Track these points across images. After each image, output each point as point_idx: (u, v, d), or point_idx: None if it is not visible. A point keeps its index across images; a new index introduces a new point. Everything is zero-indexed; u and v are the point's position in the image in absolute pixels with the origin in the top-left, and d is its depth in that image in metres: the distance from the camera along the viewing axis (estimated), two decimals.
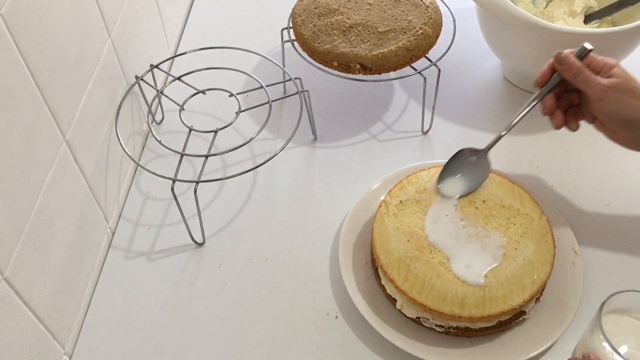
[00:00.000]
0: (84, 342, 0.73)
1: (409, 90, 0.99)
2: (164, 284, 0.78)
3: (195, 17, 1.12)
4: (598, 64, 0.71)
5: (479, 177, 0.78)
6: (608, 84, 0.69)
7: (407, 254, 0.72)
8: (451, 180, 0.78)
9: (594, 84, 0.69)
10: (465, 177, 0.78)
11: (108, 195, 0.81)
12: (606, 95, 0.69)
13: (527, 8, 0.95)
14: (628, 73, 0.70)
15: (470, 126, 0.94)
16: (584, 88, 0.71)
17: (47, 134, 0.65)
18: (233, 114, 0.81)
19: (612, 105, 0.69)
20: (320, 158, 0.91)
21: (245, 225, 0.83)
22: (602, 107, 0.70)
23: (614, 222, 0.82)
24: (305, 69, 0.90)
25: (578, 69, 0.70)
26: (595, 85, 0.69)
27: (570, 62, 0.70)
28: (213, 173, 0.88)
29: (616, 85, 0.69)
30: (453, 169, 0.78)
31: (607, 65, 0.71)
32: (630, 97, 0.69)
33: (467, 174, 0.78)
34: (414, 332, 0.72)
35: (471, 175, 0.78)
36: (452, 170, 0.78)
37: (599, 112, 0.71)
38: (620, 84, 0.69)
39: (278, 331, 0.74)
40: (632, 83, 0.69)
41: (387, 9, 0.88)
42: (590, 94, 0.70)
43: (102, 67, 0.78)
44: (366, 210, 0.81)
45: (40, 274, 0.65)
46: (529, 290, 0.69)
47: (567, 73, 0.71)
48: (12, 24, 0.58)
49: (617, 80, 0.69)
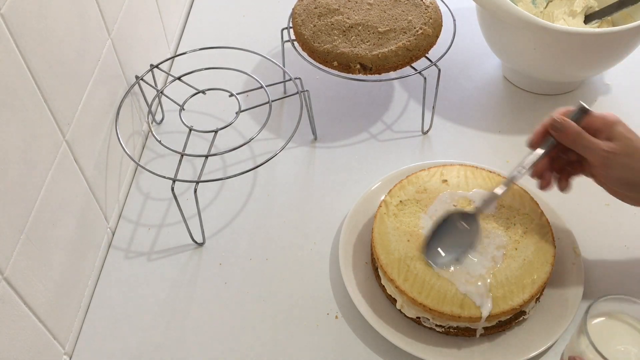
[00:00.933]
0: (84, 342, 0.73)
1: (409, 90, 0.99)
2: (164, 284, 0.78)
3: (195, 17, 1.12)
4: (597, 123, 0.66)
5: (469, 244, 0.72)
6: (611, 150, 0.64)
7: (407, 254, 0.72)
8: (439, 249, 0.71)
9: (595, 150, 0.65)
10: (455, 247, 0.71)
11: (108, 195, 0.81)
12: (609, 161, 0.65)
13: (527, 8, 0.95)
14: (631, 132, 0.66)
15: (470, 126, 0.94)
16: (584, 154, 0.66)
17: (47, 134, 0.65)
18: (233, 114, 0.81)
19: (617, 171, 0.65)
20: (320, 158, 0.91)
21: (245, 225, 0.83)
22: (607, 173, 0.66)
23: (614, 222, 0.82)
24: (305, 69, 0.90)
25: (576, 135, 0.66)
26: (597, 152, 0.65)
27: (566, 128, 0.66)
28: (213, 173, 0.88)
29: (620, 149, 0.64)
30: (441, 236, 0.72)
31: (607, 123, 0.66)
32: (635, 161, 0.64)
33: (456, 242, 0.72)
34: (414, 332, 0.72)
35: (461, 244, 0.72)
36: (439, 238, 0.72)
37: (603, 177, 0.67)
38: (623, 147, 0.64)
39: (278, 331, 0.74)
40: (636, 144, 0.65)
41: (387, 9, 0.88)
42: (593, 161, 0.66)
43: (102, 67, 0.78)
44: (366, 210, 0.81)
45: (40, 274, 0.65)
46: (529, 290, 0.69)
47: (563, 139, 0.67)
48: (12, 24, 0.58)
49: (620, 145, 0.64)
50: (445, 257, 0.71)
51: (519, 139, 0.92)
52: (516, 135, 0.92)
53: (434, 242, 0.72)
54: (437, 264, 0.70)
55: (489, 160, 0.88)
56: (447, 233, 0.72)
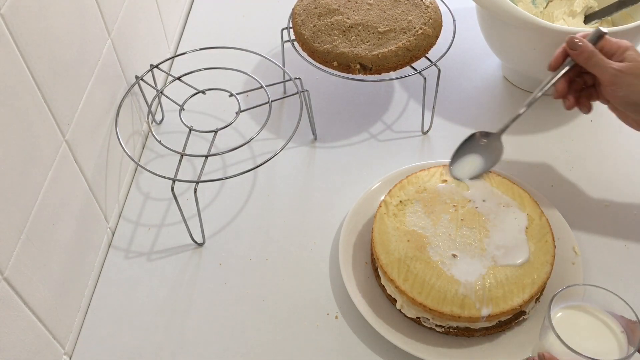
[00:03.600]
0: (84, 342, 0.73)
1: (409, 90, 0.99)
2: (164, 284, 0.78)
3: (195, 17, 1.12)
4: (612, 47, 0.71)
5: (491, 159, 0.77)
6: (619, 68, 0.69)
7: (407, 254, 0.72)
8: (462, 161, 0.77)
9: (606, 68, 0.69)
10: (477, 159, 0.77)
11: (108, 195, 0.81)
12: (617, 79, 0.69)
13: (527, 8, 0.95)
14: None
15: (470, 126, 0.94)
16: (595, 72, 0.70)
17: (47, 134, 0.65)
18: (233, 114, 0.81)
19: (623, 89, 0.69)
20: (320, 158, 0.91)
21: (245, 225, 0.83)
22: (614, 91, 0.70)
23: (614, 222, 0.82)
24: (305, 69, 0.90)
25: (590, 53, 0.70)
26: (607, 70, 0.69)
27: (582, 47, 0.70)
28: (213, 173, 0.88)
29: (628, 69, 0.68)
30: (465, 151, 0.77)
31: (620, 47, 0.70)
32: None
33: (479, 155, 0.77)
34: (414, 332, 0.72)
35: (483, 158, 0.77)
36: (464, 153, 0.77)
37: (611, 96, 0.71)
38: (632, 67, 0.68)
39: (278, 331, 0.74)
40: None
41: (387, 9, 0.88)
42: (602, 78, 0.70)
43: (102, 67, 0.78)
44: (366, 210, 0.81)
45: (40, 274, 0.65)
46: (529, 290, 0.69)
47: (579, 57, 0.71)
48: (12, 24, 0.58)
49: (629, 64, 0.69)
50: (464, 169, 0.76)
51: (519, 139, 0.92)
52: (516, 135, 0.92)
53: (458, 156, 0.77)
54: (457, 175, 0.76)
55: None
56: (471, 148, 0.77)
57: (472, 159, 0.77)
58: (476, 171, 0.77)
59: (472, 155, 0.77)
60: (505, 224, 0.74)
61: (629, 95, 0.69)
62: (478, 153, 0.77)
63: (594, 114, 0.94)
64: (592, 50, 0.70)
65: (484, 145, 0.77)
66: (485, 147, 0.77)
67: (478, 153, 0.77)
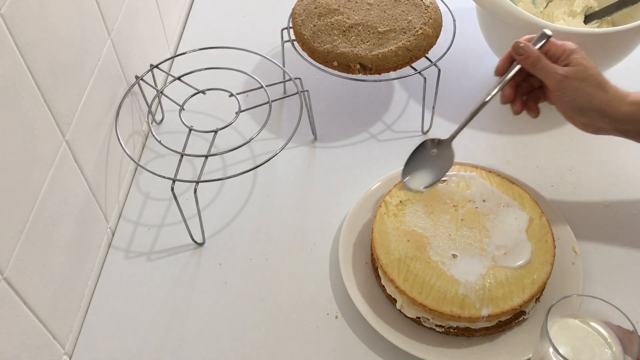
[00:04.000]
0: (84, 342, 0.73)
1: (409, 90, 0.99)
2: (164, 284, 0.78)
3: (195, 17, 1.12)
4: (557, 50, 0.71)
5: (443, 167, 0.78)
6: (565, 73, 0.69)
7: (407, 254, 0.72)
8: (415, 173, 0.78)
9: (552, 74, 0.69)
10: (429, 169, 0.78)
11: (108, 195, 0.81)
12: (563, 84, 0.69)
13: (527, 8, 0.95)
14: (587, 60, 0.70)
15: (470, 126, 0.93)
16: (541, 77, 0.71)
17: (47, 134, 0.65)
18: (233, 114, 0.81)
19: (570, 94, 0.69)
20: (320, 158, 0.91)
21: (245, 225, 0.83)
22: (560, 96, 0.70)
23: (614, 222, 0.82)
24: (305, 69, 0.90)
25: (535, 58, 0.70)
26: (553, 75, 0.69)
27: (527, 51, 0.70)
28: (213, 173, 0.88)
29: (574, 73, 0.69)
30: (416, 161, 0.78)
31: (566, 51, 0.70)
32: (587, 86, 0.69)
33: (430, 165, 0.78)
34: (414, 332, 0.72)
35: (435, 166, 0.78)
36: (416, 163, 0.78)
37: (557, 100, 0.71)
38: (577, 72, 0.69)
39: (278, 331, 0.74)
40: (590, 70, 0.69)
41: (387, 9, 0.88)
42: (548, 83, 0.70)
43: (102, 67, 0.78)
44: (366, 210, 0.81)
45: (40, 274, 0.65)
46: (529, 290, 0.69)
47: (524, 62, 0.71)
48: (12, 24, 0.58)
49: (574, 69, 0.69)
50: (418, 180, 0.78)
51: (519, 139, 0.92)
52: (516, 135, 0.92)
53: (409, 167, 0.78)
54: (411, 186, 0.77)
55: (489, 160, 0.88)
56: (422, 159, 0.79)
57: (424, 169, 0.78)
58: (429, 181, 0.78)
59: (424, 165, 0.78)
60: (506, 224, 0.74)
61: (575, 99, 0.69)
62: (430, 162, 0.78)
63: None
64: (537, 55, 0.70)
65: (435, 154, 0.78)
66: (437, 156, 0.78)
67: (430, 162, 0.78)
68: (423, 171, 0.78)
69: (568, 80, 0.69)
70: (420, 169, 0.78)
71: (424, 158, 0.78)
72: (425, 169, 0.78)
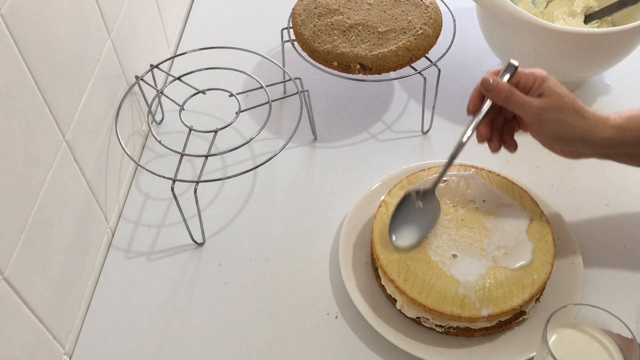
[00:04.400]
0: (84, 342, 0.73)
1: (409, 90, 0.99)
2: (164, 284, 0.78)
3: (195, 17, 1.12)
4: (528, 80, 0.68)
5: (430, 221, 0.74)
6: (541, 106, 0.66)
7: (407, 254, 0.72)
8: (402, 230, 0.73)
9: (527, 107, 0.66)
10: (416, 225, 0.73)
11: (108, 195, 0.81)
12: (541, 117, 0.66)
13: (527, 8, 0.95)
14: (561, 87, 0.67)
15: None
16: (516, 112, 0.68)
17: (47, 134, 0.65)
18: (233, 114, 0.81)
19: (548, 126, 0.67)
20: (320, 158, 0.91)
21: (245, 225, 0.83)
22: (538, 128, 0.67)
23: (614, 222, 0.82)
24: (305, 69, 0.90)
25: (507, 93, 0.67)
26: (529, 109, 0.66)
27: (498, 87, 0.67)
28: (213, 173, 0.88)
29: (550, 105, 0.66)
30: (402, 217, 0.74)
31: (537, 80, 0.67)
32: (566, 115, 0.66)
33: (416, 219, 0.73)
34: (414, 332, 0.72)
35: (422, 220, 0.73)
36: (401, 219, 0.73)
37: (535, 133, 0.68)
38: (553, 102, 0.66)
39: (278, 331, 0.74)
40: (565, 99, 0.66)
41: (387, 9, 0.88)
42: (525, 118, 0.68)
43: (102, 67, 0.78)
44: (366, 210, 0.81)
45: (40, 274, 0.65)
46: (529, 290, 0.69)
47: (496, 98, 0.68)
48: (12, 24, 0.58)
49: (549, 101, 0.66)
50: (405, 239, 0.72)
51: (519, 139, 0.91)
52: (516, 135, 0.92)
53: (396, 223, 0.73)
54: (399, 246, 0.72)
55: (489, 160, 0.88)
56: (407, 213, 0.74)
57: (410, 224, 0.73)
58: (418, 237, 0.73)
59: (410, 220, 0.73)
60: (506, 224, 0.74)
61: (555, 130, 0.67)
62: (416, 216, 0.74)
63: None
64: (509, 90, 0.67)
65: (421, 207, 0.74)
66: (423, 209, 0.74)
67: (416, 216, 0.74)
68: (410, 227, 0.73)
69: (545, 112, 0.66)
70: (407, 225, 0.73)
71: (409, 212, 0.74)
72: (411, 224, 0.73)
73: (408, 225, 0.73)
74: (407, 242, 0.72)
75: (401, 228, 0.73)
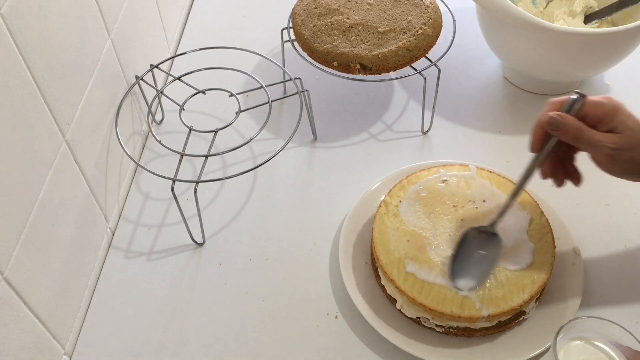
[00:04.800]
0: (84, 342, 0.73)
1: (409, 90, 0.99)
2: (164, 284, 0.78)
3: (195, 17, 1.12)
4: (597, 113, 0.62)
5: (492, 259, 0.70)
6: (615, 146, 0.61)
7: (407, 254, 0.72)
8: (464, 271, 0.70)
9: (599, 146, 0.61)
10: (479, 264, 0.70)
11: (108, 195, 0.81)
12: (614, 157, 0.62)
13: (527, 8, 0.95)
14: (633, 119, 0.62)
15: (470, 126, 0.94)
16: (587, 151, 0.63)
17: (47, 134, 0.65)
18: (233, 114, 0.81)
19: (622, 165, 0.62)
20: (320, 158, 0.91)
21: (245, 225, 0.83)
22: (610, 167, 0.63)
23: (614, 222, 0.82)
24: (305, 69, 0.90)
25: (577, 130, 0.62)
26: (601, 149, 0.61)
27: (566, 125, 0.62)
28: (213, 173, 0.88)
29: (625, 143, 0.61)
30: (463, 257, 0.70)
31: (608, 113, 0.62)
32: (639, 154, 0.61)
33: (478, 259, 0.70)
34: (414, 332, 0.72)
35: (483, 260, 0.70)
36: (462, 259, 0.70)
37: (606, 169, 0.64)
38: (629, 140, 0.61)
39: (278, 331, 0.74)
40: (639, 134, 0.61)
41: (387, 9, 0.88)
42: (596, 157, 0.63)
43: (102, 67, 0.78)
44: (366, 210, 0.81)
45: (40, 274, 0.65)
46: (529, 290, 0.69)
47: (565, 137, 0.63)
48: (12, 24, 0.58)
49: (623, 139, 0.61)
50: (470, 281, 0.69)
51: (519, 139, 0.92)
52: (516, 135, 0.92)
53: (456, 267, 0.70)
54: (463, 289, 0.69)
55: (489, 160, 0.88)
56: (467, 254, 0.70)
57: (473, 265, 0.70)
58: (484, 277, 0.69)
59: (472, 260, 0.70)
60: (506, 224, 0.74)
61: (628, 169, 0.63)
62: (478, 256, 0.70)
63: None
64: (578, 127, 0.61)
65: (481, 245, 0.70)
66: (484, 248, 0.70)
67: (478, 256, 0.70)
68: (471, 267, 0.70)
69: (619, 151, 0.61)
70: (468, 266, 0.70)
71: (469, 251, 0.70)
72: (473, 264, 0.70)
73: (469, 265, 0.70)
74: (470, 284, 0.69)
75: (462, 269, 0.70)
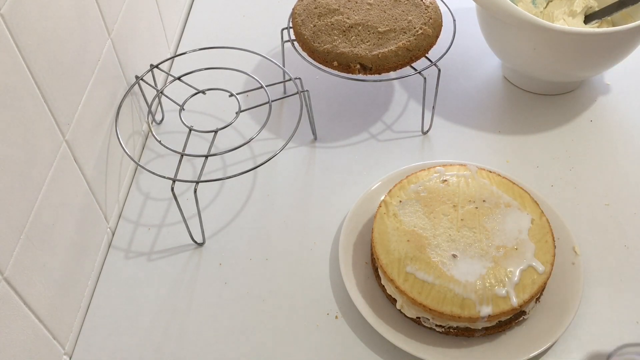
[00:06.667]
0: (84, 342, 0.73)
1: (409, 90, 0.99)
2: (164, 284, 0.78)
3: (195, 17, 1.12)
4: None
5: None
6: None
7: (407, 254, 0.72)
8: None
9: None
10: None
11: (108, 195, 0.81)
12: None
13: (527, 8, 0.95)
14: None
15: (470, 126, 0.94)
16: None
17: (47, 134, 0.65)
18: (233, 114, 0.81)
19: None
20: (320, 158, 0.91)
21: (245, 225, 0.83)
22: None
23: (614, 222, 0.82)
24: (305, 69, 0.90)
25: None
26: None
27: None
28: (213, 173, 0.88)
29: None
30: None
31: None
32: None
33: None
34: (414, 332, 0.72)
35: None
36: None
37: None
38: None
39: (278, 331, 0.74)
40: None
41: (387, 9, 0.88)
42: None
43: (102, 67, 0.78)
44: (366, 210, 0.81)
45: (40, 274, 0.65)
46: (529, 290, 0.69)
47: None
48: (12, 24, 0.58)
49: None
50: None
51: (519, 139, 0.92)
52: (516, 135, 0.92)
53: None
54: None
55: (489, 160, 0.88)
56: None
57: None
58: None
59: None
60: (506, 224, 0.74)
61: None
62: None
63: (594, 114, 0.94)
64: None
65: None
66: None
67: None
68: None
69: None
70: None
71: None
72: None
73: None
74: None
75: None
